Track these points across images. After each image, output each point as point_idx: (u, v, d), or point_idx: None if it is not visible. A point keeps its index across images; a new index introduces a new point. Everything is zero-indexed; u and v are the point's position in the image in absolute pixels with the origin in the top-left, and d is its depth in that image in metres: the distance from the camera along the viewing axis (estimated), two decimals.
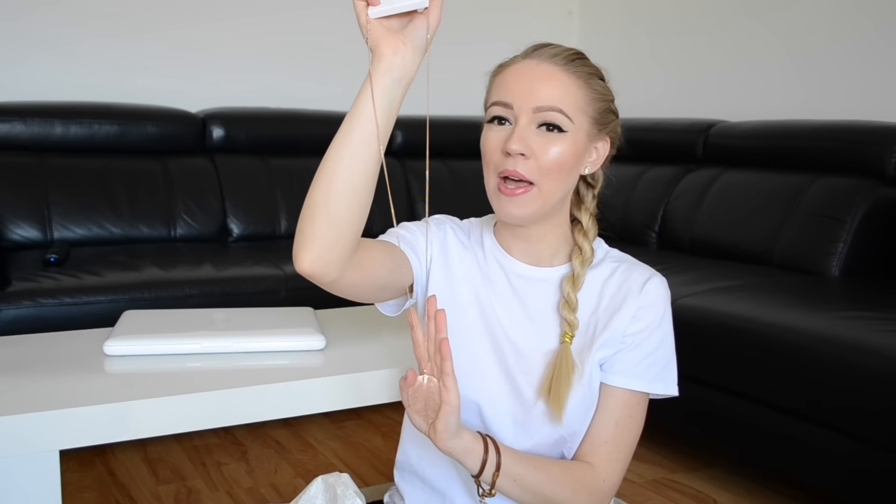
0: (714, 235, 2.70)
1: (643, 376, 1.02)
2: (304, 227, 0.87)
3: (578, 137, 0.97)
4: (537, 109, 0.95)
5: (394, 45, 0.85)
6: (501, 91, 0.98)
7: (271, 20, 3.26)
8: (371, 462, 2.21)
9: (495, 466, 0.92)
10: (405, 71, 0.86)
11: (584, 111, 0.97)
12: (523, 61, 0.99)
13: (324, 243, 0.86)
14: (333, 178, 0.86)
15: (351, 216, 0.87)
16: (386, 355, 1.29)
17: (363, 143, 0.85)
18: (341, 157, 0.86)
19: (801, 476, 1.86)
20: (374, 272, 0.95)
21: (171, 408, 1.06)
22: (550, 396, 0.97)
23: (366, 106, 0.85)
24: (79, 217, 2.65)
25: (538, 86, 0.95)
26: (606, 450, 1.01)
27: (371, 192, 0.88)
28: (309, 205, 0.87)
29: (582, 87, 0.97)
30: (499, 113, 0.98)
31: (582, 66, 0.98)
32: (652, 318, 1.02)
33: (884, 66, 2.71)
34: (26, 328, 1.98)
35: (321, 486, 1.01)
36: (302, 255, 0.87)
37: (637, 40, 3.65)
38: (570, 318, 1.01)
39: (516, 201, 0.97)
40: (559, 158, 0.96)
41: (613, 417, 1.01)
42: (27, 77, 2.86)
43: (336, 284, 0.91)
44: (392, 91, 0.86)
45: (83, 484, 2.03)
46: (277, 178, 3.01)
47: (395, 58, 0.85)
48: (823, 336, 1.77)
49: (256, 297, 2.33)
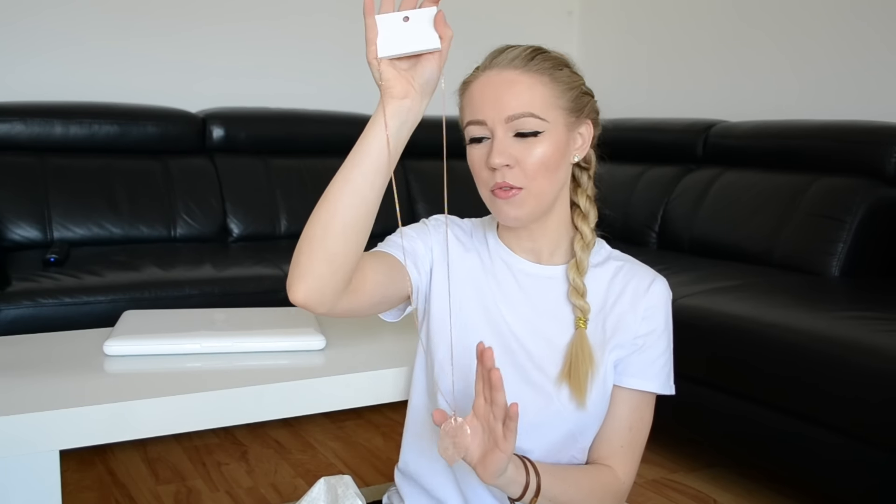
0: (714, 235, 2.70)
1: (656, 377, 1.03)
2: (299, 259, 0.88)
3: (557, 133, 0.97)
4: (509, 119, 0.95)
5: (404, 88, 0.86)
6: (471, 109, 0.98)
7: (272, 21, 3.26)
8: (371, 462, 2.21)
9: (535, 491, 0.93)
10: (411, 114, 0.87)
11: (556, 105, 0.97)
12: (484, 73, 0.98)
13: (319, 277, 0.87)
14: (335, 214, 0.86)
15: (347, 251, 0.87)
16: (386, 355, 1.28)
17: (366, 181, 0.86)
18: (343, 193, 0.86)
19: (801, 476, 1.86)
20: (368, 295, 0.96)
21: (171, 408, 1.06)
22: (572, 379, 0.98)
23: (371, 143, 0.86)
24: (79, 217, 2.65)
25: (504, 95, 0.95)
26: (623, 453, 1.03)
27: (368, 230, 0.89)
28: (306, 237, 0.88)
29: (547, 83, 0.96)
30: (475, 133, 0.98)
31: (542, 62, 0.97)
32: (660, 319, 1.04)
33: (883, 67, 2.71)
34: (26, 328, 1.98)
35: (323, 488, 1.03)
36: (296, 286, 0.88)
37: (637, 40, 3.65)
38: (581, 304, 1.01)
39: (512, 202, 0.97)
40: (542, 160, 0.96)
41: (627, 423, 1.03)
42: (27, 77, 2.86)
43: (331, 313, 0.92)
44: (399, 133, 0.87)
45: (83, 484, 2.03)
46: (277, 178, 3.01)
47: (405, 101, 0.86)
48: (823, 336, 1.77)
49: (256, 297, 2.33)
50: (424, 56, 0.86)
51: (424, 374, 1.08)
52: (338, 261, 0.87)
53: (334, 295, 0.89)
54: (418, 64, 0.87)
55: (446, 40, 0.86)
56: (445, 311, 1.04)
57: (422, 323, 1.07)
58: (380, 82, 0.86)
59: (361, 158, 0.86)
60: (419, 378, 1.09)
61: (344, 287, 0.89)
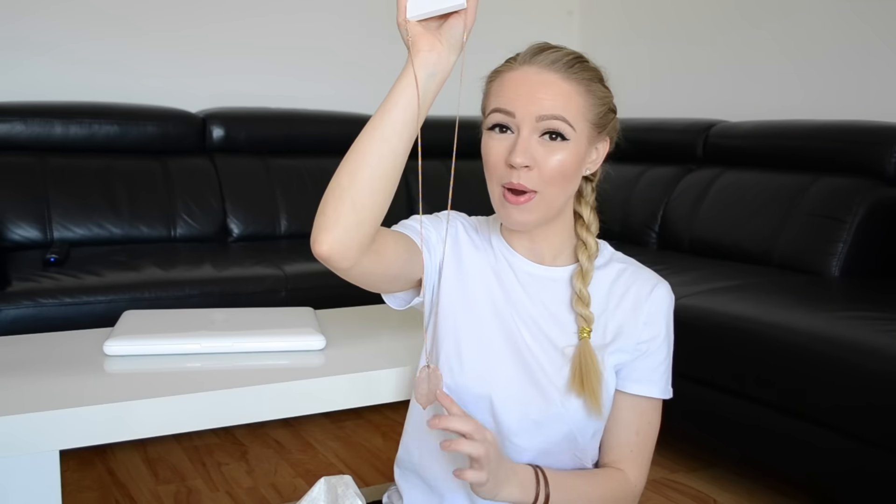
0: (714, 235, 2.70)
1: (658, 382, 1.04)
2: (325, 209, 0.87)
3: (580, 143, 0.97)
4: (540, 118, 0.95)
5: (430, 42, 0.87)
6: (501, 98, 0.97)
7: (272, 21, 3.26)
8: (371, 462, 2.21)
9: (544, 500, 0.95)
10: (439, 67, 0.88)
11: (585, 117, 0.97)
12: (522, 68, 0.98)
13: (345, 227, 0.86)
14: (362, 163, 0.86)
15: (374, 203, 0.87)
16: (386, 355, 1.28)
17: (394, 132, 0.86)
18: (372, 141, 0.86)
19: (801, 476, 1.86)
20: (389, 261, 0.95)
21: (171, 408, 1.06)
22: (585, 390, 0.98)
23: (400, 94, 0.87)
24: (79, 217, 2.65)
25: (540, 94, 0.95)
26: (632, 457, 1.04)
27: (396, 181, 0.89)
28: (333, 188, 0.87)
29: (583, 93, 0.97)
30: (500, 121, 0.97)
31: (582, 72, 0.97)
32: (662, 325, 1.04)
33: (884, 67, 2.71)
34: (26, 328, 1.98)
35: (324, 487, 1.03)
36: (321, 237, 0.87)
37: (637, 40, 3.65)
38: (585, 313, 1.02)
39: (522, 209, 0.97)
40: (561, 167, 0.96)
41: (634, 427, 1.04)
42: (27, 77, 2.86)
43: (352, 271, 0.91)
44: (426, 85, 0.87)
45: (83, 484, 2.03)
46: (277, 178, 3.01)
47: (431, 54, 0.87)
48: (823, 336, 1.77)
49: (256, 297, 2.33)
50: (452, 15, 0.87)
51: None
52: (364, 212, 0.87)
53: (359, 248, 0.88)
54: (446, 23, 0.88)
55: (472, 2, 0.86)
56: (454, 304, 1.04)
57: (429, 316, 1.07)
58: (407, 41, 0.88)
59: (390, 108, 0.87)
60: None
61: (369, 242, 0.89)
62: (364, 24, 3.35)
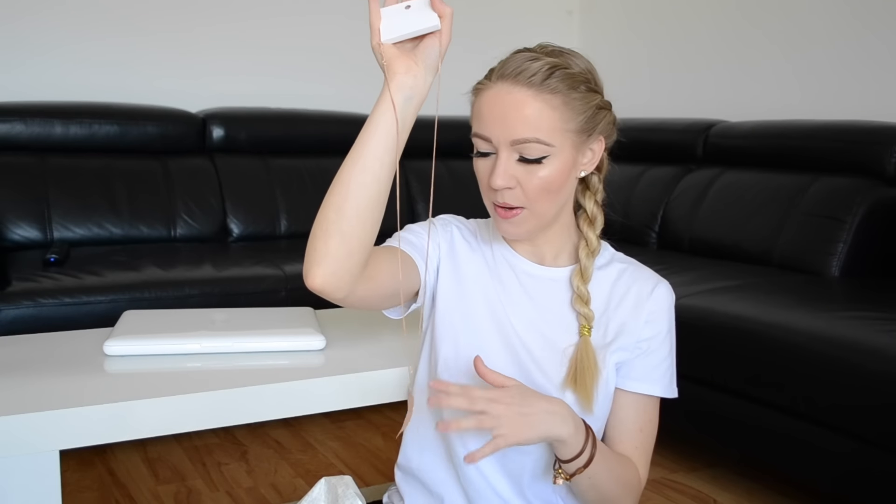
0: (714, 235, 2.70)
1: (660, 381, 1.04)
2: (315, 243, 0.88)
3: (563, 155, 0.95)
4: (514, 143, 0.94)
5: (406, 64, 0.87)
6: (478, 122, 0.97)
7: (272, 21, 3.26)
8: (371, 462, 2.21)
9: (586, 461, 0.93)
10: (416, 90, 0.88)
11: (566, 129, 0.94)
12: (496, 85, 0.95)
13: (335, 260, 0.87)
14: (347, 195, 0.87)
15: (363, 231, 0.88)
16: (386, 355, 1.29)
17: (376, 160, 0.87)
18: (354, 173, 0.87)
19: (801, 476, 1.86)
20: (383, 283, 0.96)
21: (171, 408, 1.06)
22: (577, 386, 0.99)
23: (378, 120, 0.87)
24: (79, 217, 2.65)
25: (511, 118, 0.93)
26: (637, 454, 1.05)
27: (382, 208, 0.89)
28: (320, 221, 0.88)
29: (558, 106, 0.93)
30: (481, 147, 0.98)
31: (559, 83, 0.93)
32: (663, 324, 1.04)
33: (884, 66, 2.71)
34: (26, 328, 1.98)
35: (324, 488, 1.03)
36: (314, 271, 0.88)
37: (637, 40, 3.65)
38: (585, 312, 1.02)
39: (512, 223, 0.98)
40: (544, 183, 0.95)
41: (637, 425, 1.05)
42: (27, 77, 2.86)
43: (347, 299, 0.92)
44: (404, 109, 0.88)
45: (83, 484, 2.03)
46: (277, 178, 3.01)
47: (407, 77, 0.87)
48: (823, 336, 1.77)
49: (256, 297, 2.33)
50: (427, 36, 0.88)
51: (427, 372, 1.08)
52: (354, 242, 0.87)
53: (351, 279, 0.89)
54: (421, 44, 0.88)
55: (446, 18, 0.87)
56: (451, 309, 1.04)
57: (427, 321, 1.07)
58: (383, 64, 0.87)
59: (370, 136, 0.87)
60: (422, 376, 1.09)
61: (360, 271, 0.90)
62: (364, 23, 3.34)
